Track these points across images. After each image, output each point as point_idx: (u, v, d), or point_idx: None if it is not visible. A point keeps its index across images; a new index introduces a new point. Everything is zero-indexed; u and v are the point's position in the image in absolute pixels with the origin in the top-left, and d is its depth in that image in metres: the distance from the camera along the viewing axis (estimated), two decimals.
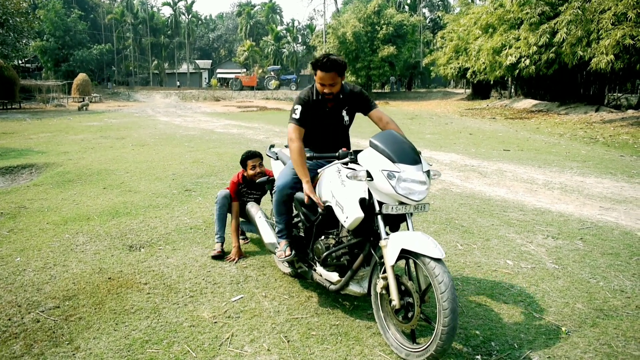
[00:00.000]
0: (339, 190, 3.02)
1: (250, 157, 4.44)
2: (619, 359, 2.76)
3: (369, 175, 2.79)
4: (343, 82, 3.42)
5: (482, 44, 22.03)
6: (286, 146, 4.08)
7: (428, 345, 2.60)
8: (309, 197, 3.14)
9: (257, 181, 4.38)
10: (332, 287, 3.21)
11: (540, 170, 8.67)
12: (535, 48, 18.26)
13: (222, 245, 4.44)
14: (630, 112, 18.78)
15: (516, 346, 2.90)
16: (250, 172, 4.42)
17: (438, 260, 2.55)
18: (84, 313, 3.26)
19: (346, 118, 3.51)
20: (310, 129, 3.49)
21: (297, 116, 3.37)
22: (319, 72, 3.25)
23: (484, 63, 22.65)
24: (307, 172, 3.24)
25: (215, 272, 4.01)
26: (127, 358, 2.74)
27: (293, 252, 3.49)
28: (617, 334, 3.04)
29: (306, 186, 3.19)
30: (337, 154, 3.15)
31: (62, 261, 4.19)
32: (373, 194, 2.84)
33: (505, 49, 20.13)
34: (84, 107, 28.76)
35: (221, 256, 4.33)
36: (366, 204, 2.88)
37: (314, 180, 3.37)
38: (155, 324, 3.14)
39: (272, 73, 54.64)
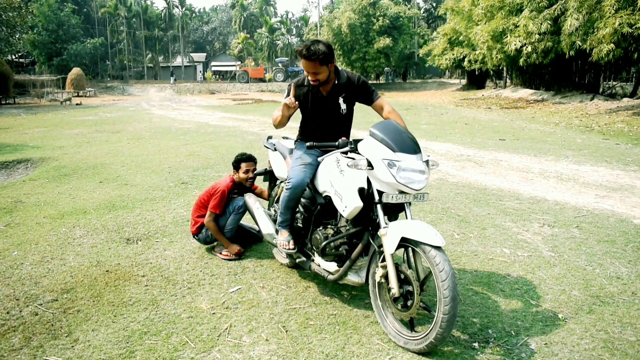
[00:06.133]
0: (338, 180, 3.01)
1: (246, 159, 4.35)
2: (615, 345, 2.79)
3: (369, 164, 2.79)
4: (340, 69, 3.37)
5: (482, 30, 21.80)
6: (283, 137, 4.08)
7: (427, 333, 2.61)
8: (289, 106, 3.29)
9: (247, 185, 4.35)
10: (331, 277, 3.22)
11: (536, 159, 8.69)
12: (537, 36, 18.07)
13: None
14: (625, 100, 18.82)
15: (513, 333, 2.92)
16: (242, 175, 4.31)
17: (438, 248, 2.56)
18: (82, 305, 3.26)
19: (343, 106, 3.38)
20: (308, 117, 3.46)
21: (286, 94, 3.38)
22: (302, 59, 3.20)
23: (482, 50, 22.43)
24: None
25: (212, 264, 4.01)
26: (126, 349, 2.74)
27: (296, 246, 3.48)
28: (614, 320, 3.06)
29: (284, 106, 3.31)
30: (336, 143, 3.12)
31: (60, 255, 4.19)
32: (373, 183, 2.84)
33: (507, 37, 19.95)
34: (67, 101, 29.49)
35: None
36: (365, 194, 2.88)
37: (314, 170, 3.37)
38: (154, 315, 3.14)
39: (280, 65, 53.76)
